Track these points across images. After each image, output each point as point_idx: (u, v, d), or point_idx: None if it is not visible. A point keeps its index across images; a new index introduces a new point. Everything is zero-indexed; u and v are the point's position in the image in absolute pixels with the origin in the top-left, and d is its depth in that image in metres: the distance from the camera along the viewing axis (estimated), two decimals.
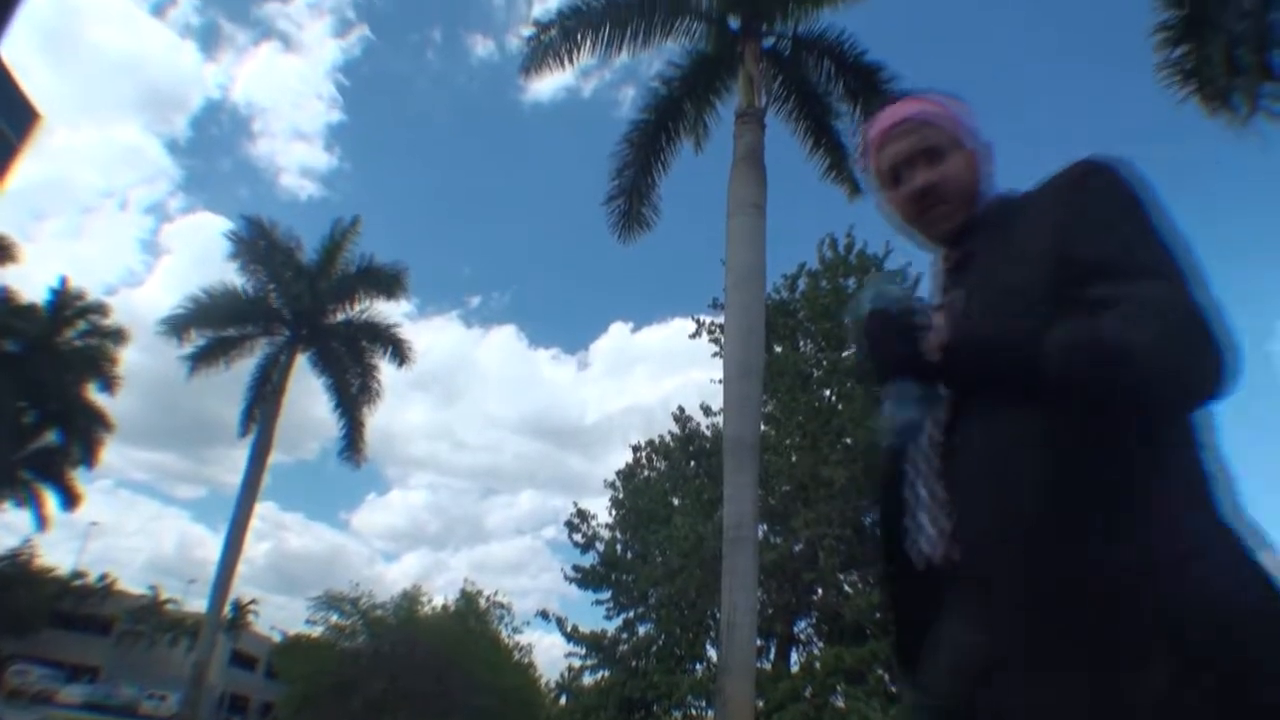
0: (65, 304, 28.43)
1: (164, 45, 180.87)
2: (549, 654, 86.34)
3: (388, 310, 29.48)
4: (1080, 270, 1.15)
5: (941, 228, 1.45)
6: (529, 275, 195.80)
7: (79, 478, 30.00)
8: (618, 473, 21.24)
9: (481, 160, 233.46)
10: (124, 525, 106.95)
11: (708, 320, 20.53)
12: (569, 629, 18.93)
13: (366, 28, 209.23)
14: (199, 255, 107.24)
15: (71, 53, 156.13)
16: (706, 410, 19.34)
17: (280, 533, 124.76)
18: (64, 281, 29.07)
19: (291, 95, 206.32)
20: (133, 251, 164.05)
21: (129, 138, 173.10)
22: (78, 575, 38.40)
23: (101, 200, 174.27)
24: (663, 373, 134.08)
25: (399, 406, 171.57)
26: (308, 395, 78.68)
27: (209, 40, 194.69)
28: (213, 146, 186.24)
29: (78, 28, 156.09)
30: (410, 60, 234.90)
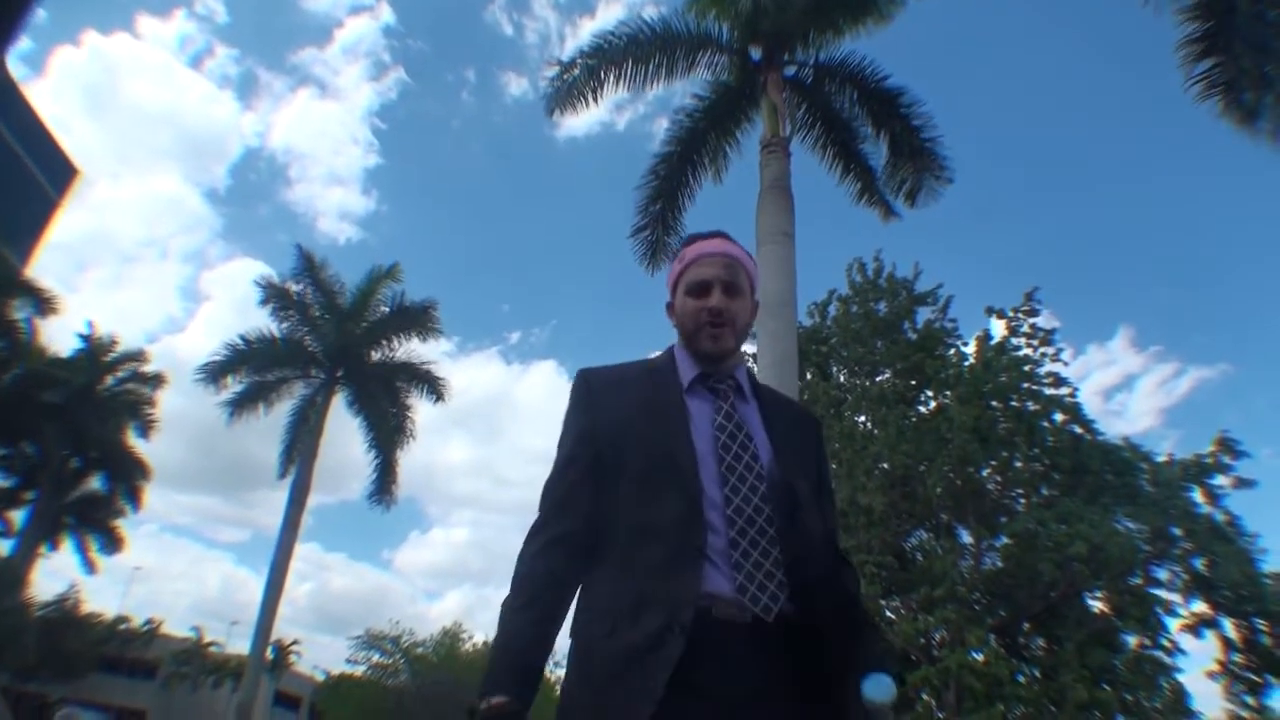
0: (100, 351, 28.86)
1: (201, 96, 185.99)
2: None
3: (425, 349, 29.64)
4: (822, 489, 1.86)
5: (718, 345, 1.86)
6: (567, 310, 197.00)
7: (123, 523, 30.40)
8: None
9: (518, 197, 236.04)
10: (168, 569, 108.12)
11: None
12: None
13: (402, 70, 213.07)
14: (239, 301, 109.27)
15: (111, 107, 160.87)
16: None
17: (323, 573, 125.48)
18: (91, 327, 29.56)
19: (328, 140, 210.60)
20: (173, 299, 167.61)
21: (168, 188, 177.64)
22: (122, 620, 38.61)
23: (142, 250, 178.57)
24: None
25: (440, 444, 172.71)
26: (349, 436, 79.25)
27: (246, 89, 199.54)
28: (251, 194, 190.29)
29: (116, 83, 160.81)
30: (445, 101, 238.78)
